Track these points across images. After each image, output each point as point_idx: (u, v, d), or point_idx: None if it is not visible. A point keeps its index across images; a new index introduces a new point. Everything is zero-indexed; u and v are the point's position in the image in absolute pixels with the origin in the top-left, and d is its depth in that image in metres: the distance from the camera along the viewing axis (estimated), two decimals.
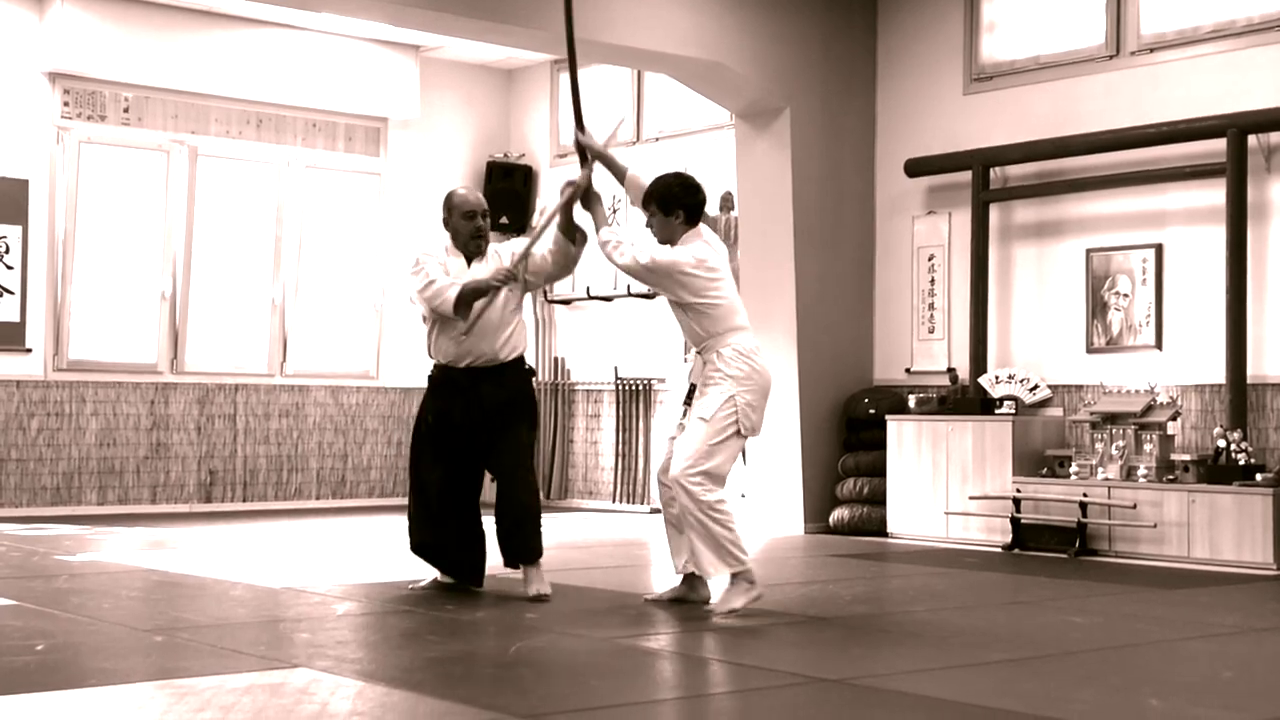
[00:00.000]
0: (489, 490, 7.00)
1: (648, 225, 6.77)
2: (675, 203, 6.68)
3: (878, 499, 10.57)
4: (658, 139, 12.68)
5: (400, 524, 7.35)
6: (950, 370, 10.60)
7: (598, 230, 6.80)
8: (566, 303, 13.32)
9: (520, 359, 7.03)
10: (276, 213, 12.79)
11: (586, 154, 6.99)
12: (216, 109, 12.50)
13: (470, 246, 7.00)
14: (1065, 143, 9.99)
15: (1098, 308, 9.93)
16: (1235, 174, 9.09)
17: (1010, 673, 5.24)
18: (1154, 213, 9.69)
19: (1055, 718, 4.40)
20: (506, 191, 13.58)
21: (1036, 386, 9.97)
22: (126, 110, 12.08)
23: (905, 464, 10.34)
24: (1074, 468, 9.46)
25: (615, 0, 9.91)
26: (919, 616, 6.68)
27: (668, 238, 6.68)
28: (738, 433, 6.50)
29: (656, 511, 12.26)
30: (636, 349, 12.73)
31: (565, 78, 13.49)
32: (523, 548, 6.91)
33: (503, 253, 7.02)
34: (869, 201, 11.31)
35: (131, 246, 12.12)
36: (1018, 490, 9.58)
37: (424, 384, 7.21)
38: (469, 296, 6.76)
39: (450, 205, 7.02)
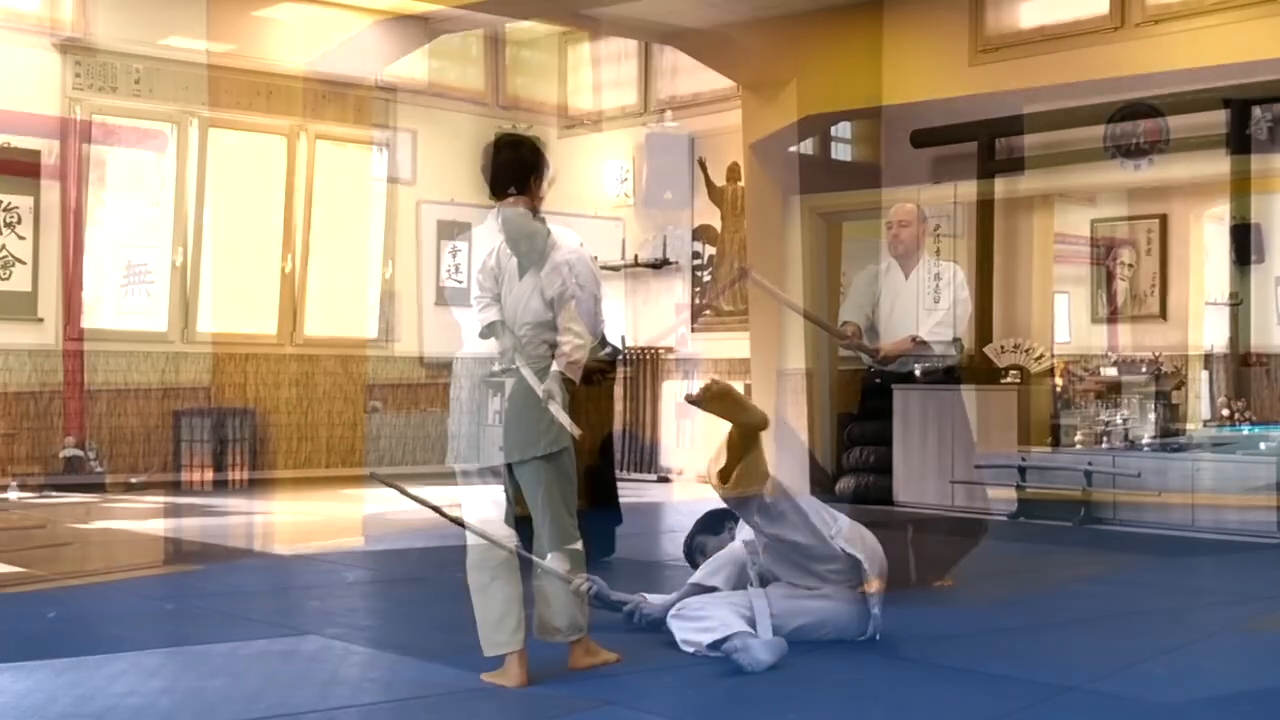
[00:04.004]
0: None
1: None
2: None
3: (884, 467, 10.60)
4: (665, 110, 12.69)
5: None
6: (956, 340, 10.61)
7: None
8: None
9: None
10: (287, 183, 12.82)
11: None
12: (227, 80, 12.52)
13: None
14: (1070, 114, 10.01)
15: (1102, 278, 9.96)
16: (1238, 145, 9.10)
17: (1018, 640, 5.29)
18: (1158, 184, 9.71)
19: (1063, 684, 4.46)
20: (514, 161, 13.57)
21: (1042, 356, 10.01)
22: (138, 82, 12.10)
23: (911, 433, 10.36)
24: (1078, 436, 9.50)
25: None
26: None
27: None
28: None
29: (664, 480, 12.37)
30: (644, 318, 12.77)
31: (573, 51, 13.55)
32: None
33: (571, 267, 6.86)
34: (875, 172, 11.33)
35: (143, 217, 12.16)
36: (1023, 459, 9.63)
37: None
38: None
39: None
